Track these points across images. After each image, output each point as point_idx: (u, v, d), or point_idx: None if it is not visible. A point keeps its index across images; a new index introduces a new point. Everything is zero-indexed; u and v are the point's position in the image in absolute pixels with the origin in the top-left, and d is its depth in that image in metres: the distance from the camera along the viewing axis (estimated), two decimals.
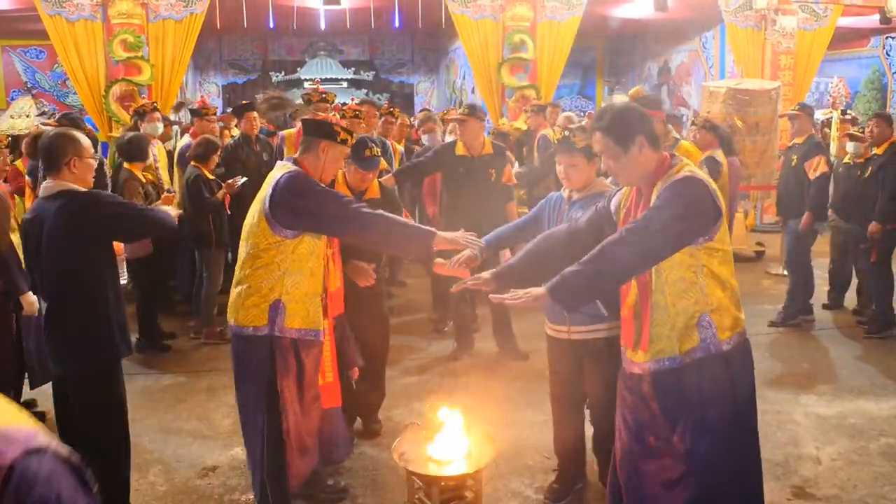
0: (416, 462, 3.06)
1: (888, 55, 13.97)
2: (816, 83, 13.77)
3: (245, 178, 5.95)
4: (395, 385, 5.10)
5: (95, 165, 3.35)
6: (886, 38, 13.85)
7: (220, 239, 6.02)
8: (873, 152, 6.32)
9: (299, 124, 5.62)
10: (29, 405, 4.66)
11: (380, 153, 3.88)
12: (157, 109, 7.16)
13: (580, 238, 2.77)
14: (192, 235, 6.01)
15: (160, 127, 7.00)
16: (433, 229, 3.24)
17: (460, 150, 5.45)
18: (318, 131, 3.20)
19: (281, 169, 3.14)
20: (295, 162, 3.17)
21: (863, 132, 6.60)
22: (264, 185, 3.14)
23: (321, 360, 3.30)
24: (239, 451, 4.05)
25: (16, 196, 5.49)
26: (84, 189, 3.19)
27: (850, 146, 6.54)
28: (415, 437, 3.21)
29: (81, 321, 3.21)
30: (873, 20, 11.77)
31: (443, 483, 2.98)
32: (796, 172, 6.44)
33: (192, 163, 5.98)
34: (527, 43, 9.96)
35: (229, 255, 6.20)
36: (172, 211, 3.83)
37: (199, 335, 6.13)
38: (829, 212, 6.60)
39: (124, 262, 3.61)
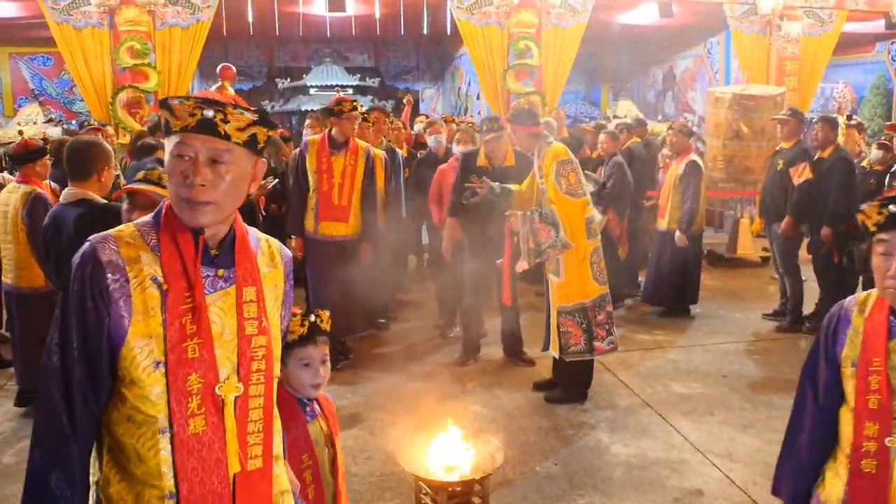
0: (423, 468, 3.06)
1: (893, 60, 13.96)
2: (822, 88, 13.76)
3: (276, 180, 6.12)
4: (402, 391, 5.11)
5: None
6: (892, 43, 13.84)
7: None
8: (817, 155, 6.39)
9: (326, 130, 5.63)
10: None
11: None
12: None
13: None
14: None
15: None
16: None
17: (481, 160, 5.36)
18: None
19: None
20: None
21: (891, 141, 6.66)
22: None
23: None
24: None
25: None
26: (104, 201, 3.19)
27: (874, 153, 6.62)
28: (422, 444, 3.21)
29: None
30: (878, 25, 11.78)
31: (450, 489, 2.98)
32: (781, 177, 6.48)
33: None
34: (532, 49, 9.98)
35: None
36: None
37: None
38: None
39: None
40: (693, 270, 6.94)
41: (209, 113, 1.48)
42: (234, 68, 4.17)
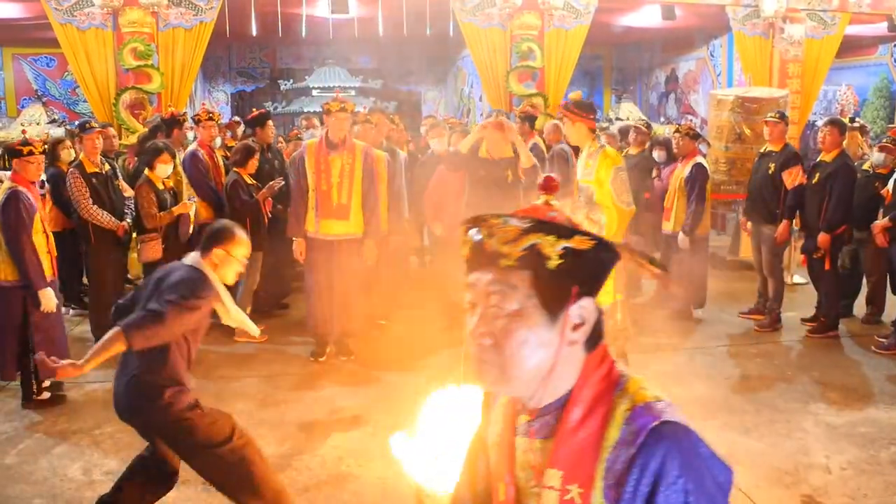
0: (423, 472, 3.05)
1: None
2: (824, 91, 13.74)
3: (283, 181, 6.40)
4: (404, 392, 5.10)
5: None
6: (894, 45, 13.82)
7: (256, 241, 6.18)
8: (819, 158, 6.38)
9: (321, 132, 5.77)
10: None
11: None
12: (184, 119, 7.38)
13: None
14: None
15: (189, 135, 7.53)
16: None
17: (483, 153, 5.68)
18: None
19: None
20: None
21: (892, 143, 6.61)
22: None
23: None
24: None
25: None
26: None
27: (876, 156, 6.60)
28: (423, 447, 3.20)
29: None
30: (881, 28, 11.77)
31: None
32: (772, 180, 6.48)
33: (233, 168, 6.37)
34: (535, 51, 9.97)
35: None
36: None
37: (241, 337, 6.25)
38: None
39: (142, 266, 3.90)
40: (700, 273, 6.94)
41: None
42: None
